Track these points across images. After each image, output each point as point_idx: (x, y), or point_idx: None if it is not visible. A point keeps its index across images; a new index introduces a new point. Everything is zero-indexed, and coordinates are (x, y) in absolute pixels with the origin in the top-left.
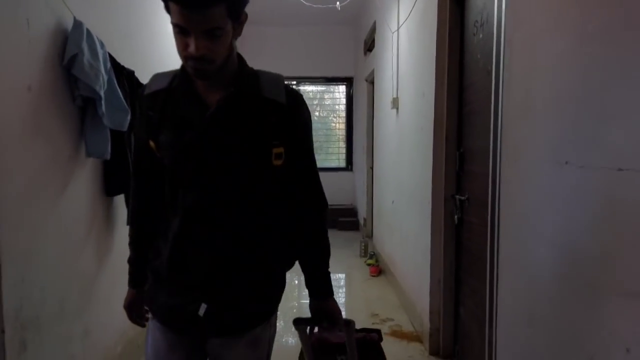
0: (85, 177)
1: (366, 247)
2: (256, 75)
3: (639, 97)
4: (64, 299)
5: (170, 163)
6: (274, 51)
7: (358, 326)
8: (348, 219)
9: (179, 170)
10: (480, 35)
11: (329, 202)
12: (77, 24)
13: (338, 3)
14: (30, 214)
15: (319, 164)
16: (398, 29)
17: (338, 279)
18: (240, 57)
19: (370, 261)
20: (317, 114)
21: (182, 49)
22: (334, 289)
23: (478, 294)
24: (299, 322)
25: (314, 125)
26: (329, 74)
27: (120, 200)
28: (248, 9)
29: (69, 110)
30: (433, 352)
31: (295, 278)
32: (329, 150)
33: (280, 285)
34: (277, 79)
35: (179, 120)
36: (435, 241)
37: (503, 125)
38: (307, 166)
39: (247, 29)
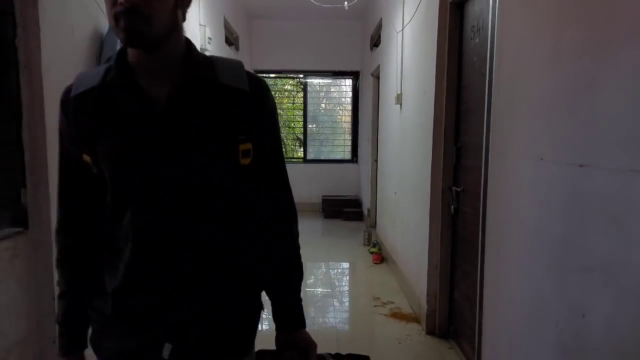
0: None
1: (369, 236)
2: (210, 60)
3: (597, 105)
4: None
5: (115, 177)
6: (283, 45)
7: (358, 312)
8: (353, 209)
9: (126, 185)
10: (477, 40)
11: (335, 193)
12: (111, 30)
13: (346, 3)
14: None
15: (326, 156)
16: (403, 29)
17: (342, 266)
18: (189, 42)
19: (373, 249)
20: (323, 106)
21: (111, 5)
22: (339, 276)
23: (470, 278)
24: (262, 356)
25: (322, 118)
26: (336, 68)
27: None
28: (258, 4)
29: None
30: (429, 331)
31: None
32: (334, 142)
33: (258, 311)
34: (236, 64)
35: (120, 122)
36: (433, 229)
37: (492, 124)
38: (276, 167)
39: (257, 23)
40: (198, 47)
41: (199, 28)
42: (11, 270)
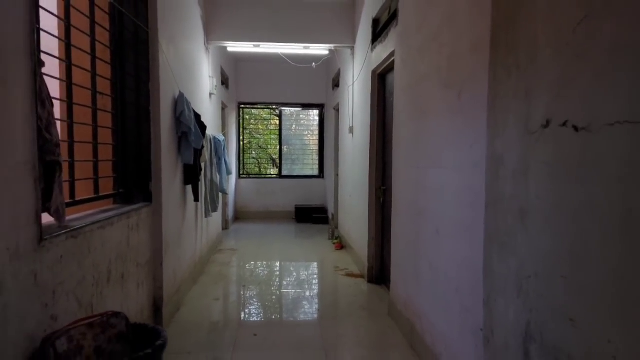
0: (180, 174)
1: (333, 232)
2: None
3: (420, 142)
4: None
5: None
6: (262, 82)
7: (326, 274)
8: (320, 215)
9: None
10: (391, 99)
11: (305, 203)
12: (181, 94)
13: (314, 64)
14: (170, 193)
15: (298, 172)
16: (353, 84)
17: (313, 253)
18: None
19: (335, 240)
20: (293, 128)
21: None
22: (311, 258)
23: (389, 243)
24: None
25: (294, 141)
26: (306, 101)
27: (189, 186)
28: (243, 53)
29: (175, 138)
30: (369, 280)
31: (278, 264)
32: (304, 161)
33: None
34: None
35: None
36: (370, 215)
37: (394, 149)
38: None
39: (244, 65)
40: (207, 93)
41: (209, 79)
42: (144, 223)
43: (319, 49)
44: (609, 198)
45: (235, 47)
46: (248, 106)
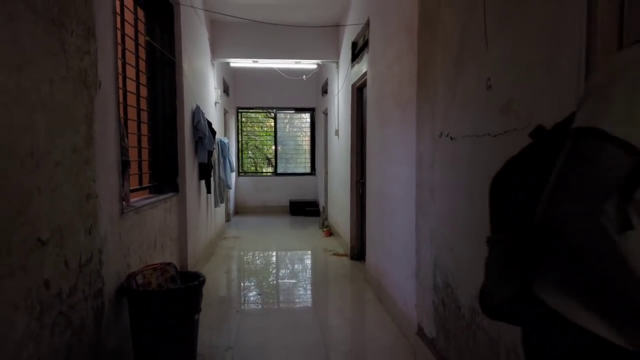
0: (196, 171)
1: (323, 222)
2: None
3: (386, 146)
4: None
5: None
6: (260, 88)
7: (316, 254)
8: (312, 208)
9: None
10: (366, 109)
11: (299, 198)
12: (197, 106)
13: (304, 76)
14: (190, 186)
15: (292, 170)
16: (338, 93)
17: (306, 240)
18: None
19: (324, 228)
20: (287, 130)
21: None
22: (304, 244)
23: (364, 224)
24: None
25: (288, 142)
26: (298, 105)
27: (202, 181)
28: (242, 66)
29: (193, 142)
30: (352, 258)
31: (274, 254)
32: (297, 160)
33: None
34: None
35: None
36: (352, 204)
37: (367, 149)
38: None
39: (244, 71)
40: (213, 102)
41: (215, 90)
42: (174, 208)
43: (309, 64)
44: (462, 178)
45: (237, 62)
46: (246, 110)
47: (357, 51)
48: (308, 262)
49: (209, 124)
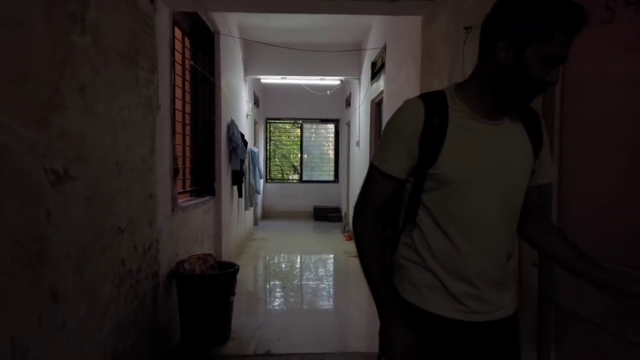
0: (229, 177)
1: (344, 227)
2: None
3: None
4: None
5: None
6: (287, 101)
7: (337, 256)
8: (335, 214)
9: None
10: (384, 123)
11: (322, 204)
12: (232, 120)
13: (328, 92)
14: (225, 191)
15: (316, 178)
16: (359, 107)
17: (328, 243)
18: None
19: (345, 232)
20: (313, 139)
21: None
22: (327, 247)
23: None
24: None
25: (313, 150)
26: (323, 117)
27: (234, 186)
28: (270, 81)
29: (227, 151)
30: None
31: (297, 257)
32: (322, 168)
33: None
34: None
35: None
36: None
37: None
38: None
39: (273, 85)
40: (245, 114)
41: (246, 104)
42: (211, 209)
43: (333, 80)
44: None
45: (267, 79)
46: (274, 121)
47: (376, 70)
48: (328, 262)
49: (242, 135)
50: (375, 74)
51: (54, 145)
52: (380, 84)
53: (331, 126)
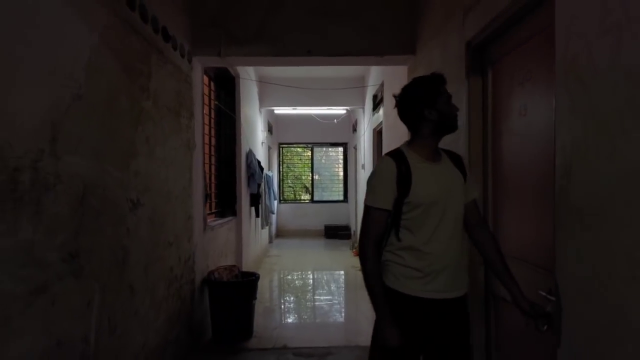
0: (248, 199)
1: (353, 244)
2: None
3: None
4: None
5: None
6: (299, 126)
7: (346, 270)
8: (344, 232)
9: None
10: (384, 150)
11: (333, 222)
12: (250, 150)
13: (335, 120)
14: (244, 212)
15: (327, 198)
16: (364, 134)
17: (338, 258)
18: None
19: (354, 249)
20: (323, 161)
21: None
22: (336, 262)
23: None
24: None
25: (323, 172)
26: (332, 140)
27: (252, 207)
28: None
29: (246, 177)
30: None
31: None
32: (332, 188)
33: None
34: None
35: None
36: None
37: None
38: None
39: (285, 114)
40: (260, 142)
41: (261, 132)
42: (233, 228)
43: (339, 109)
44: None
45: (279, 110)
46: (287, 145)
47: (377, 103)
48: (338, 276)
49: (258, 162)
50: (376, 105)
51: (131, 181)
52: (380, 114)
53: (340, 149)
